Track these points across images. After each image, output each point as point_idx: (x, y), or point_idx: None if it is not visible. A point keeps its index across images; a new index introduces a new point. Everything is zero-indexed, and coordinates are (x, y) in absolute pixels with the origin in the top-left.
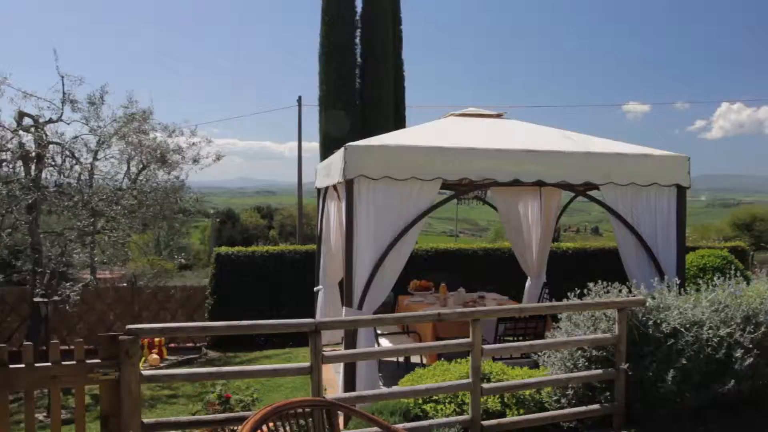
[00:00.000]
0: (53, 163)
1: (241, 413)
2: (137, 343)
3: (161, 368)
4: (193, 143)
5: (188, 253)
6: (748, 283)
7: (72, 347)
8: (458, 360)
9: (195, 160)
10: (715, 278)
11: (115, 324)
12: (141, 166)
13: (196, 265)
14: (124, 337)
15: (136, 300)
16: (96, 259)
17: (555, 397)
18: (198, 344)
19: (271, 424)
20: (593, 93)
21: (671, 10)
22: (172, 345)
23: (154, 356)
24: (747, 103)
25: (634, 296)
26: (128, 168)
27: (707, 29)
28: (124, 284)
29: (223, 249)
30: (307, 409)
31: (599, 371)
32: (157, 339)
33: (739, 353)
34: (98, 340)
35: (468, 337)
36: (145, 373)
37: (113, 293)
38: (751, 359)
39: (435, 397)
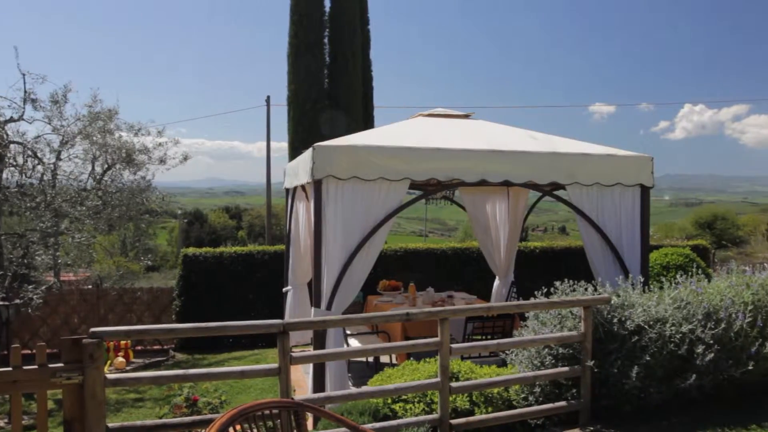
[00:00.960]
0: (15, 164)
1: (209, 416)
2: (101, 346)
3: (127, 371)
4: (160, 143)
5: (155, 255)
6: (709, 281)
7: (35, 351)
8: (427, 359)
9: (162, 160)
10: (677, 276)
11: (80, 327)
12: (106, 166)
13: (164, 267)
14: (87, 340)
15: (102, 302)
16: (60, 261)
17: (523, 395)
18: (165, 346)
19: (238, 427)
20: (561, 94)
21: (637, 12)
22: (139, 348)
23: (120, 359)
24: (708, 105)
25: (600, 294)
26: (93, 168)
27: (671, 32)
28: (89, 286)
29: (191, 250)
30: (275, 411)
31: (566, 369)
32: (123, 342)
33: (700, 349)
34: (61, 344)
35: (437, 336)
36: (110, 376)
37: (78, 296)
38: (712, 355)
39: (404, 397)
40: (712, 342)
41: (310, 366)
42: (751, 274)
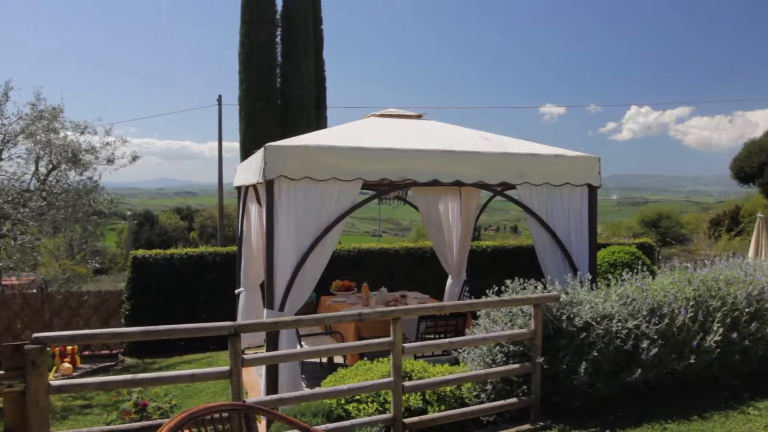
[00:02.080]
0: None
1: (159, 421)
2: (44, 352)
3: (74, 377)
4: (108, 142)
5: (103, 257)
6: (653, 278)
7: None
8: (380, 359)
9: (109, 160)
10: (624, 273)
11: (23, 333)
12: (51, 166)
13: (112, 269)
14: (30, 346)
15: (47, 307)
16: (1, 264)
17: (475, 393)
18: (114, 351)
19: (187, 431)
20: (514, 95)
21: (587, 14)
22: (87, 353)
23: (67, 365)
24: (654, 107)
25: (549, 292)
26: (36, 168)
27: (620, 35)
28: (34, 290)
29: (140, 252)
30: (225, 414)
31: (516, 366)
32: (69, 347)
33: (645, 344)
34: (2, 351)
35: (390, 336)
36: (54, 383)
37: (21, 300)
38: (656, 349)
39: (357, 397)
40: (656, 337)
41: (263, 368)
42: (692, 270)
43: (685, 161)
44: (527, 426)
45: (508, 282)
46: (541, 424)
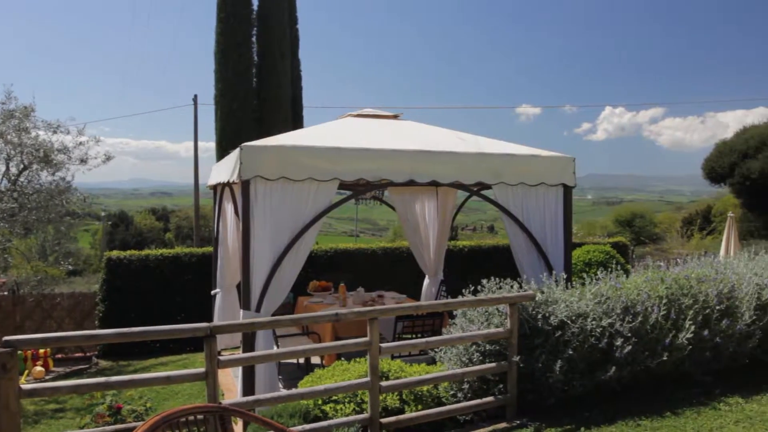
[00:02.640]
0: None
1: (134, 424)
2: (15, 355)
3: (46, 381)
4: (81, 142)
5: (77, 258)
6: (627, 276)
7: None
8: (358, 359)
9: (83, 160)
10: (598, 272)
11: None
12: (22, 166)
13: (86, 271)
14: (0, 349)
15: (18, 309)
16: None
17: (452, 392)
18: (88, 354)
19: None
20: (490, 95)
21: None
22: (60, 356)
23: (39, 368)
24: (628, 108)
25: (525, 291)
26: (7, 168)
27: (594, 36)
28: (5, 293)
29: (115, 253)
30: (200, 417)
31: (493, 365)
32: (42, 350)
33: (619, 342)
34: None
35: (367, 336)
36: (26, 387)
37: None
38: (630, 347)
39: (334, 397)
40: (629, 335)
41: (240, 369)
42: (665, 269)
43: (659, 161)
44: (503, 424)
45: (484, 281)
46: (517, 422)
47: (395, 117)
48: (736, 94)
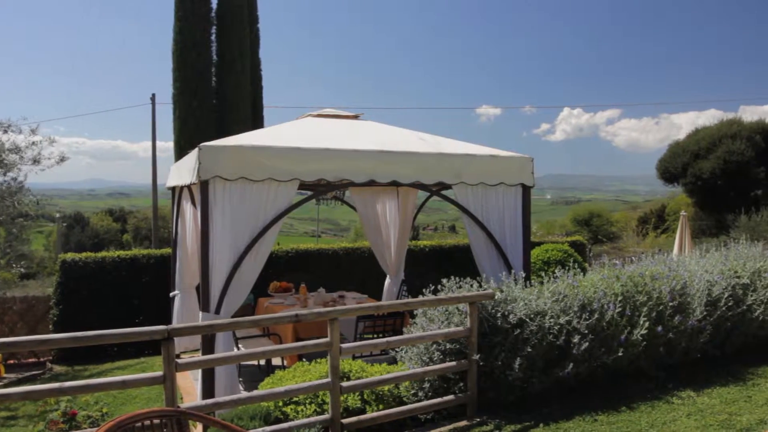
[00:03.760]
0: None
1: (89, 430)
2: None
3: None
4: (34, 142)
5: (30, 261)
6: (584, 274)
7: None
8: (319, 360)
9: (36, 161)
10: (556, 271)
11: None
12: None
13: (40, 274)
14: None
15: None
16: None
17: (413, 391)
18: (42, 359)
19: None
20: (451, 95)
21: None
22: (12, 362)
23: None
24: (585, 109)
25: (485, 290)
26: None
27: (553, 37)
28: None
29: (69, 255)
30: (156, 421)
31: (453, 363)
32: None
33: (576, 339)
34: None
35: (327, 337)
36: None
37: None
38: (587, 344)
39: (295, 399)
40: (586, 332)
41: (200, 372)
42: (621, 267)
43: (615, 161)
44: (464, 422)
45: (444, 281)
46: (478, 420)
47: (355, 117)
48: (690, 96)
